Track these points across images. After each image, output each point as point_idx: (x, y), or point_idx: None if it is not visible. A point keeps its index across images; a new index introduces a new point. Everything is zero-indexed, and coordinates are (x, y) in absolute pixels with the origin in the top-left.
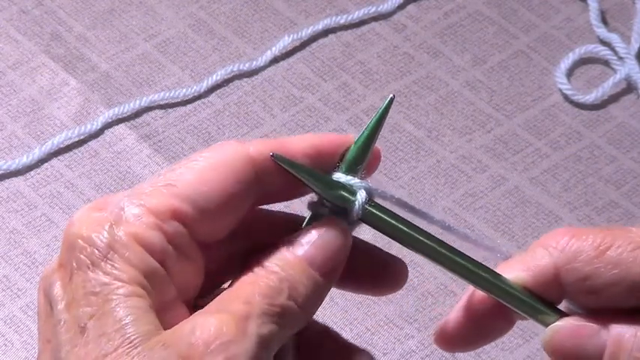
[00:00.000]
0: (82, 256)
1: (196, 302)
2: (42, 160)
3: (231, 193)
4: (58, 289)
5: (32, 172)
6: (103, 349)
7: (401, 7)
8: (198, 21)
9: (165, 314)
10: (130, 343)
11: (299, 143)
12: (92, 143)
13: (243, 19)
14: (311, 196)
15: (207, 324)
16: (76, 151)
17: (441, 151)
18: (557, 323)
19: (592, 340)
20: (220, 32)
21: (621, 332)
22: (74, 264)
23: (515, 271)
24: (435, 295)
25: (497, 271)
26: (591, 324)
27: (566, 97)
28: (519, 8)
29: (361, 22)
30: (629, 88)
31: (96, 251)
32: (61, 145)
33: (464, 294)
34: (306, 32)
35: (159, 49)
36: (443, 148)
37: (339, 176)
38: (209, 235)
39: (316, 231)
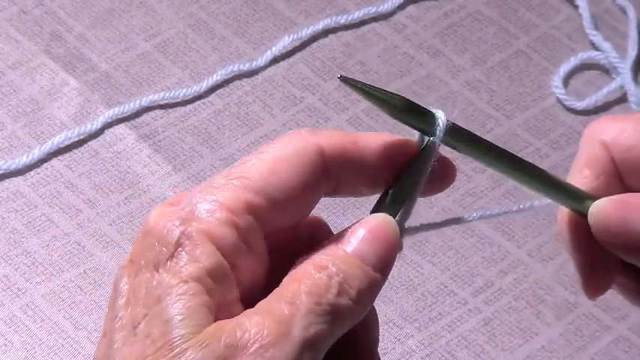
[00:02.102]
0: (150, 253)
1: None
2: (42, 160)
3: (302, 184)
4: (123, 285)
5: (32, 172)
6: (146, 350)
7: (401, 7)
8: (198, 21)
9: (223, 314)
10: (171, 345)
11: (374, 139)
12: (92, 143)
13: (243, 19)
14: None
15: (248, 325)
16: (76, 151)
17: (441, 151)
18: (602, 200)
19: (637, 212)
20: (220, 32)
21: None
22: (142, 261)
23: (584, 177)
24: (435, 295)
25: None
26: (637, 195)
27: (559, 102)
28: (519, 8)
29: (361, 22)
30: (624, 97)
31: (164, 249)
32: (61, 145)
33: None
34: (306, 32)
35: (159, 49)
36: (443, 148)
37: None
38: (277, 226)
39: (365, 226)
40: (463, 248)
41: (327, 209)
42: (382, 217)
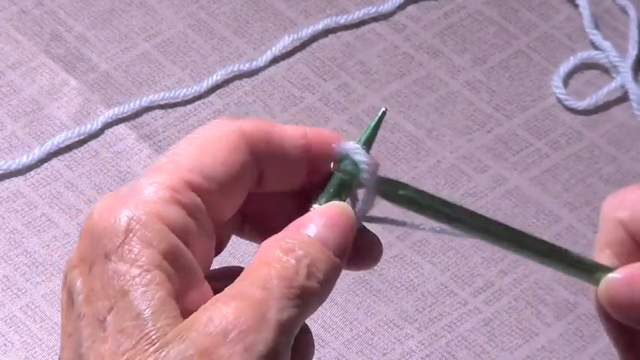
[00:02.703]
0: (100, 245)
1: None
2: (42, 160)
3: (232, 164)
4: (78, 282)
5: (32, 172)
6: (122, 345)
7: (401, 7)
8: (198, 21)
9: (190, 295)
10: (148, 339)
11: (292, 131)
12: (92, 143)
13: (243, 19)
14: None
15: (224, 312)
16: (76, 151)
17: (441, 151)
18: (612, 274)
19: None
20: (220, 32)
21: None
22: (93, 255)
23: (606, 257)
24: (435, 295)
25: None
26: None
27: (560, 102)
28: (519, 8)
29: (361, 22)
30: (624, 96)
31: (115, 237)
32: (61, 145)
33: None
34: (306, 32)
35: (159, 49)
36: (443, 148)
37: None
38: (219, 210)
39: (324, 213)
40: (463, 248)
41: None
42: (340, 205)
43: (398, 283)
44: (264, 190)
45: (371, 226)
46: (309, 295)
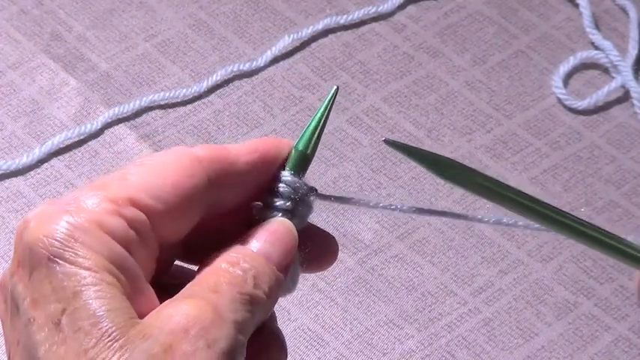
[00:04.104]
0: (40, 250)
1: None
2: (42, 160)
3: (183, 187)
4: (20, 289)
5: (32, 172)
6: (82, 344)
7: (401, 7)
8: (198, 21)
9: (137, 299)
10: (109, 336)
11: (241, 148)
12: (92, 143)
13: (243, 19)
14: (256, 203)
15: (184, 310)
16: (76, 151)
17: (441, 151)
18: None
19: None
20: (220, 32)
21: None
22: (34, 261)
23: None
24: (435, 295)
25: None
26: None
27: (560, 102)
28: (519, 8)
29: (361, 22)
30: (625, 96)
31: (55, 242)
32: (61, 145)
33: None
34: (306, 32)
35: (159, 49)
36: (443, 148)
37: (286, 175)
38: (166, 231)
39: (268, 229)
40: (463, 248)
41: (327, 209)
42: (282, 221)
43: (398, 283)
44: (219, 211)
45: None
46: (257, 304)
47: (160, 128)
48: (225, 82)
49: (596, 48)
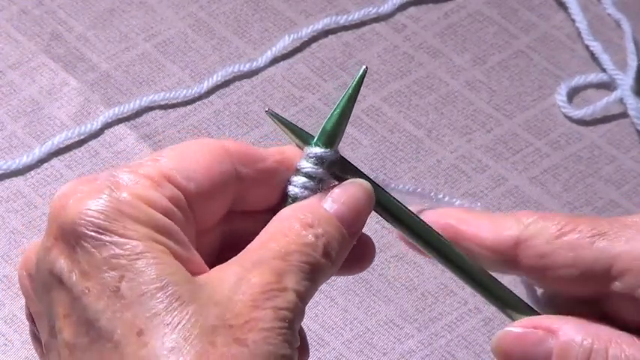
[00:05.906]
0: (84, 224)
1: None
2: (42, 160)
3: (213, 171)
4: (63, 264)
5: (32, 172)
6: (151, 308)
7: (401, 7)
8: (198, 21)
9: (188, 265)
10: (179, 299)
11: (269, 149)
12: (92, 143)
13: (243, 19)
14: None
15: (251, 277)
16: (76, 151)
17: (441, 151)
18: (506, 328)
19: (538, 347)
20: (220, 32)
21: (567, 341)
22: (75, 235)
23: (480, 231)
24: (435, 295)
25: (463, 218)
26: (538, 331)
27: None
28: (519, 8)
29: (361, 23)
30: (623, 113)
31: (101, 215)
32: (61, 145)
33: None
34: (306, 32)
35: (159, 49)
36: (443, 148)
37: (315, 149)
38: (198, 214)
39: (345, 189)
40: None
41: None
42: (361, 183)
43: (398, 283)
44: (245, 208)
45: (365, 229)
46: (321, 272)
47: (160, 128)
48: (225, 83)
49: (594, 59)
